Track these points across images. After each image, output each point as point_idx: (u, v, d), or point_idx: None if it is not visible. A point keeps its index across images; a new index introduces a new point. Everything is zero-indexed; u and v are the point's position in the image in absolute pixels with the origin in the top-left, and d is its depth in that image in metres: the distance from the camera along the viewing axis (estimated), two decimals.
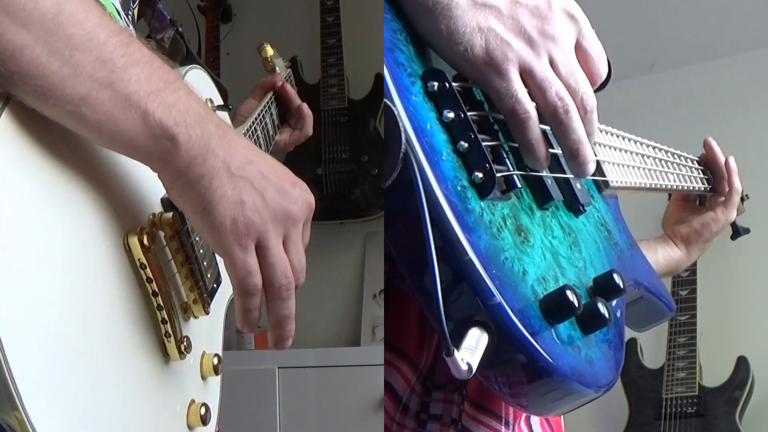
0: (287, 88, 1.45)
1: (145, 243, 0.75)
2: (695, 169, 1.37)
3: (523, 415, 0.90)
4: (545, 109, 0.74)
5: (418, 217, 0.64)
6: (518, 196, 0.76)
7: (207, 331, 0.90)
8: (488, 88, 0.74)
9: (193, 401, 0.84)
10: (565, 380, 0.68)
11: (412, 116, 0.69)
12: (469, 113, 0.73)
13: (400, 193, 0.67)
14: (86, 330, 0.68)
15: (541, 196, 0.79)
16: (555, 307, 0.69)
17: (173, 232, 0.80)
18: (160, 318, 0.77)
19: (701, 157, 1.43)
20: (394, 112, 0.68)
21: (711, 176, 1.41)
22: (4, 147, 0.64)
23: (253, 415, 2.66)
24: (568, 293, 0.69)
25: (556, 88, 0.73)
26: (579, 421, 2.86)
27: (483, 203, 0.71)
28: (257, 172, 0.73)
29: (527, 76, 0.73)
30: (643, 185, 1.10)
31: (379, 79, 2.94)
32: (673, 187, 1.24)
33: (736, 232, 1.59)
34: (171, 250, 0.81)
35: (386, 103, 0.68)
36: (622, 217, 0.98)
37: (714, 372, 2.75)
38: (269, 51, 1.50)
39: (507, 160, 0.75)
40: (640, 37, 3.05)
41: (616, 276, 0.78)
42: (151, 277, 0.76)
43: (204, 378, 0.88)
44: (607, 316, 0.72)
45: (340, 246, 3.01)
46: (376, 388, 2.52)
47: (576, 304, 0.69)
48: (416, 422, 0.85)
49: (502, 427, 0.86)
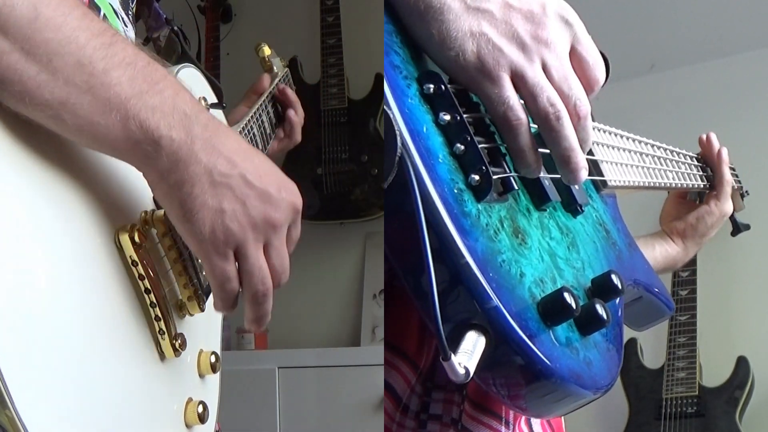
0: (287, 92, 1.45)
1: (136, 240, 0.75)
2: (694, 166, 1.37)
3: (524, 416, 0.90)
4: (536, 116, 0.73)
5: (414, 220, 0.64)
6: (515, 198, 0.76)
7: (204, 329, 0.90)
8: (480, 94, 0.73)
9: (190, 399, 0.84)
10: (564, 382, 0.68)
11: (408, 119, 0.69)
12: (465, 115, 0.73)
13: (397, 196, 0.66)
14: (78, 328, 0.68)
15: (539, 198, 0.78)
16: (552, 309, 0.69)
17: (165, 229, 0.80)
18: (153, 315, 0.77)
19: (700, 153, 1.43)
20: (390, 115, 0.67)
21: (711, 173, 1.41)
22: None
23: (253, 415, 2.66)
24: (566, 295, 0.69)
25: (547, 94, 0.72)
26: (579, 421, 2.86)
27: (480, 205, 0.70)
28: (240, 178, 0.73)
29: (519, 82, 0.72)
30: (641, 184, 1.10)
31: (379, 79, 2.94)
32: (672, 185, 1.24)
33: (736, 228, 1.58)
34: (163, 246, 0.81)
35: (384, 107, 0.68)
36: (621, 217, 0.98)
37: (714, 372, 2.75)
38: (266, 51, 1.49)
39: (504, 162, 0.75)
40: (640, 37, 3.05)
41: (614, 277, 0.77)
42: (143, 273, 0.76)
43: (202, 376, 0.88)
44: (605, 317, 0.72)
45: (340, 246, 3.01)
46: (376, 388, 2.52)
47: (573, 306, 0.69)
48: (416, 422, 0.84)
49: (503, 428, 0.86)
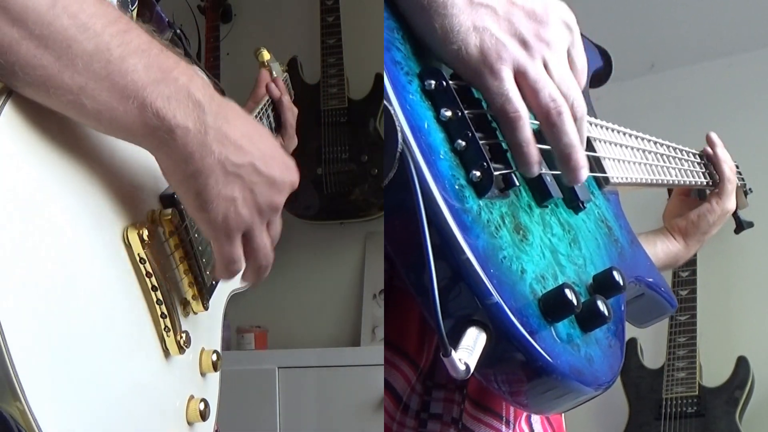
0: (276, 85, 1.43)
1: (145, 238, 0.75)
2: (697, 163, 1.36)
3: (524, 415, 0.90)
4: (537, 111, 0.74)
5: (415, 216, 0.64)
6: (517, 194, 0.76)
7: (206, 327, 0.90)
8: (481, 88, 0.74)
9: (192, 397, 0.84)
10: (565, 379, 0.68)
11: (409, 115, 0.69)
12: (466, 111, 0.73)
13: (398, 193, 0.66)
14: (87, 323, 0.68)
15: (540, 194, 0.78)
16: (554, 305, 0.69)
17: (172, 228, 0.81)
18: (159, 312, 0.78)
19: (703, 151, 1.43)
20: (391, 111, 0.67)
21: (714, 171, 1.41)
22: (4, 141, 0.64)
23: (253, 415, 2.66)
24: (567, 292, 0.69)
25: (549, 89, 0.73)
26: (579, 420, 2.86)
27: (481, 202, 0.70)
28: (250, 166, 0.75)
29: (520, 78, 0.73)
30: (643, 181, 1.09)
31: (379, 79, 2.94)
32: (675, 182, 1.23)
33: (740, 225, 1.58)
34: (170, 245, 0.82)
35: (385, 102, 0.68)
36: (623, 214, 0.98)
37: (714, 372, 2.75)
38: (266, 55, 1.49)
39: (505, 159, 0.75)
40: (640, 37, 3.05)
41: (616, 273, 0.77)
42: (151, 271, 0.76)
43: (203, 374, 0.88)
44: (606, 314, 0.72)
45: (340, 246, 3.01)
46: (376, 388, 2.52)
47: (575, 302, 0.69)
48: (417, 421, 0.85)
49: (503, 427, 0.86)
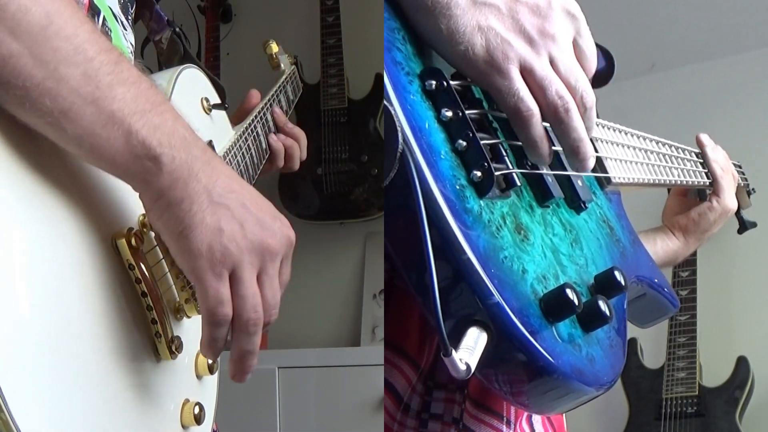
0: (275, 113, 1.32)
1: (133, 244, 0.75)
2: (699, 163, 1.36)
3: (525, 415, 0.90)
4: (546, 108, 0.74)
5: (416, 216, 0.64)
6: (518, 194, 0.76)
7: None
8: (489, 88, 0.74)
9: (187, 400, 0.83)
10: (566, 379, 0.68)
11: (410, 115, 0.69)
12: (467, 112, 0.73)
13: (398, 193, 0.66)
14: (75, 331, 0.68)
15: (542, 194, 0.78)
16: (555, 305, 0.69)
17: None
18: (150, 318, 0.77)
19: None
20: (392, 112, 0.67)
21: None
22: None
23: (253, 415, 2.66)
24: (568, 291, 0.69)
25: (556, 86, 0.74)
26: (579, 420, 2.86)
27: (482, 202, 0.70)
28: (238, 201, 0.73)
29: (527, 75, 0.73)
30: (645, 181, 1.09)
31: (379, 79, 2.94)
32: (677, 182, 1.23)
33: (743, 225, 1.58)
34: (161, 250, 0.80)
35: (385, 102, 0.68)
36: (625, 213, 0.98)
37: (714, 372, 2.75)
38: (274, 48, 1.47)
39: (506, 159, 0.75)
40: (640, 37, 3.05)
41: (617, 273, 0.77)
42: (140, 277, 0.76)
43: (199, 377, 0.88)
44: (608, 314, 0.72)
45: (340, 246, 3.00)
46: (376, 388, 2.52)
47: (576, 302, 0.69)
48: (417, 421, 0.85)
49: (504, 427, 0.86)
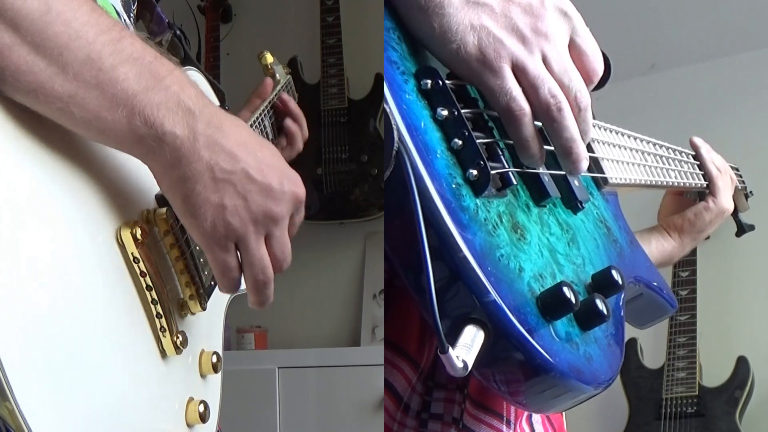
0: (289, 103, 1.40)
1: (138, 237, 0.75)
2: (696, 165, 1.37)
3: (525, 415, 0.90)
4: (538, 107, 0.74)
5: (412, 215, 0.64)
6: (515, 194, 0.76)
7: (206, 328, 0.90)
8: (482, 86, 0.74)
9: (191, 399, 0.83)
10: (563, 377, 0.68)
11: (406, 114, 0.69)
12: (463, 110, 0.73)
13: (394, 191, 0.67)
14: (80, 324, 0.68)
15: (538, 193, 0.78)
16: (552, 303, 0.69)
17: (167, 228, 0.81)
18: (155, 312, 0.77)
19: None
20: (387, 110, 0.68)
21: None
22: None
23: (253, 415, 2.66)
24: (565, 290, 0.69)
25: (548, 85, 0.73)
26: (579, 420, 2.86)
27: (478, 200, 0.70)
28: (243, 173, 0.74)
29: (520, 74, 0.73)
30: (642, 182, 1.09)
31: (379, 79, 2.94)
32: (674, 183, 1.24)
33: (741, 228, 1.58)
34: (165, 245, 0.81)
35: (384, 103, 0.69)
36: (622, 214, 0.98)
37: (714, 372, 2.75)
38: (269, 59, 1.48)
39: (502, 157, 0.75)
40: (640, 37, 3.05)
41: (614, 272, 0.77)
42: (145, 271, 0.76)
43: (203, 376, 0.88)
44: (605, 312, 0.72)
45: (340, 246, 3.01)
46: (376, 388, 2.52)
47: (573, 300, 0.69)
48: (417, 421, 0.85)
49: (504, 426, 0.86)
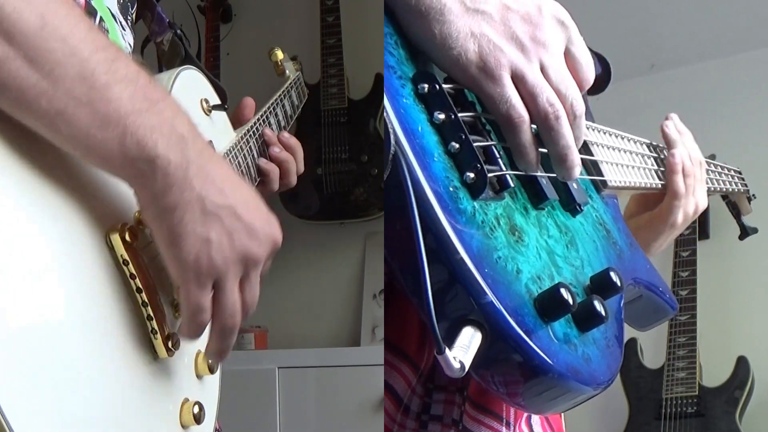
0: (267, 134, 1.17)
1: (127, 239, 0.74)
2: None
3: (524, 416, 0.90)
4: (536, 115, 0.75)
5: (409, 217, 0.64)
6: (512, 196, 0.76)
7: None
8: (481, 93, 0.75)
9: (186, 400, 0.83)
10: (561, 378, 0.68)
11: (403, 118, 0.70)
12: (460, 114, 0.74)
13: (391, 193, 0.67)
14: (68, 328, 0.67)
15: (536, 196, 0.79)
16: (549, 305, 0.69)
17: None
18: (145, 315, 0.77)
19: (711, 156, 1.42)
20: (385, 114, 0.68)
21: (715, 173, 1.41)
22: None
23: (253, 415, 2.66)
24: (562, 291, 0.69)
25: (547, 94, 0.74)
26: (579, 421, 2.86)
27: (476, 203, 0.71)
28: (230, 210, 0.73)
29: (519, 82, 0.74)
30: (641, 185, 1.09)
31: (379, 79, 2.94)
32: None
33: (744, 231, 1.58)
34: (156, 247, 0.80)
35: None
36: (622, 217, 0.98)
37: (714, 372, 2.75)
38: (279, 55, 1.46)
39: (499, 161, 0.75)
40: (640, 37, 3.05)
41: (613, 274, 0.77)
42: (134, 273, 0.75)
43: (199, 377, 0.87)
44: (603, 313, 0.72)
45: (340, 246, 3.01)
46: (376, 388, 2.52)
47: (570, 301, 0.69)
48: (417, 423, 0.85)
49: (503, 428, 0.87)
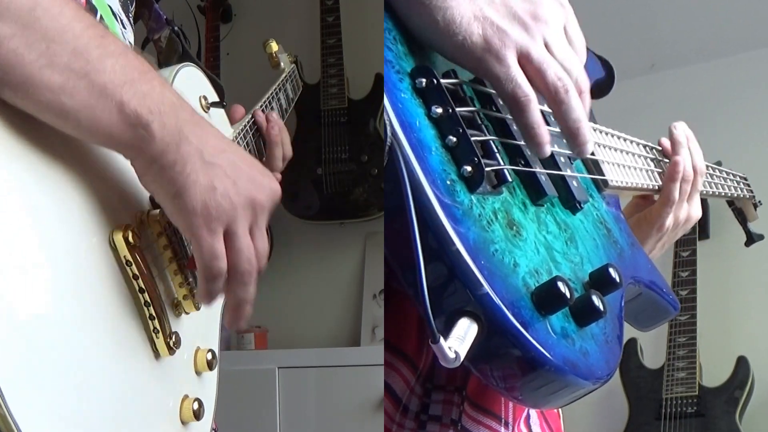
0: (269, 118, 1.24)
1: (130, 240, 0.75)
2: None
3: (523, 416, 0.90)
4: (545, 90, 0.75)
5: (404, 209, 0.64)
6: (511, 192, 0.77)
7: (201, 326, 0.90)
8: (487, 75, 0.75)
9: (186, 396, 0.84)
10: (558, 370, 0.68)
11: (401, 113, 0.70)
12: (458, 109, 0.74)
13: (390, 190, 0.67)
14: (72, 326, 0.68)
15: (535, 192, 0.79)
16: (546, 298, 0.69)
17: (161, 229, 0.81)
18: (147, 314, 0.77)
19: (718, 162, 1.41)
20: (384, 108, 0.68)
21: (714, 178, 1.41)
22: None
23: (253, 415, 2.66)
24: (560, 284, 0.69)
25: (554, 69, 0.74)
26: (579, 421, 2.86)
27: (473, 197, 0.71)
28: (229, 160, 0.75)
29: (525, 61, 0.74)
30: (642, 186, 1.09)
31: (379, 79, 2.94)
32: None
33: (750, 238, 1.58)
34: (159, 246, 0.82)
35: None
36: (624, 218, 0.98)
37: (714, 372, 2.75)
38: (274, 47, 1.49)
39: (497, 155, 0.76)
40: (640, 37, 3.05)
41: (611, 270, 0.77)
42: (137, 273, 0.76)
43: (198, 373, 0.88)
44: (601, 308, 0.72)
45: (340, 246, 3.01)
46: (376, 388, 2.52)
47: (567, 294, 0.69)
48: (416, 423, 0.85)
49: (502, 428, 0.87)
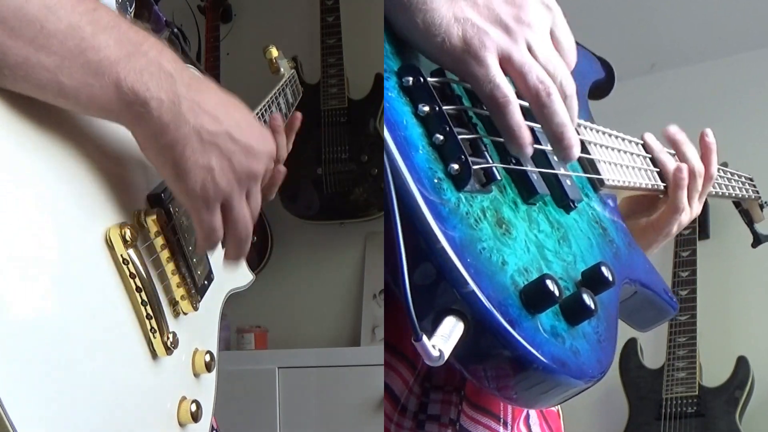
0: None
1: (127, 238, 0.74)
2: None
3: (522, 416, 0.90)
4: (527, 93, 0.74)
5: (389, 207, 0.64)
6: (501, 190, 0.76)
7: (200, 328, 0.90)
8: (467, 76, 0.74)
9: (184, 398, 0.83)
10: (547, 369, 0.68)
11: (388, 111, 0.70)
12: (445, 107, 0.74)
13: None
14: (68, 326, 0.67)
15: (526, 191, 0.78)
16: (534, 296, 0.69)
17: (158, 228, 0.81)
18: (145, 314, 0.77)
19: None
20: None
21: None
22: None
23: (253, 415, 2.66)
24: (548, 282, 0.69)
25: (536, 71, 0.74)
26: (579, 421, 2.86)
27: (461, 195, 0.71)
28: (226, 135, 0.76)
29: (506, 63, 0.74)
30: (639, 185, 1.09)
31: (378, 79, 2.94)
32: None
33: (757, 239, 1.57)
34: (156, 245, 0.81)
35: None
36: (621, 217, 0.98)
37: (714, 372, 2.75)
38: (274, 53, 1.49)
39: (486, 153, 0.75)
40: (640, 37, 3.05)
41: (604, 268, 0.77)
42: (134, 272, 0.75)
43: (196, 375, 0.87)
44: (592, 307, 0.72)
45: (340, 246, 3.01)
46: (376, 388, 2.52)
47: (556, 293, 0.69)
48: (414, 422, 0.85)
49: (500, 428, 0.87)
